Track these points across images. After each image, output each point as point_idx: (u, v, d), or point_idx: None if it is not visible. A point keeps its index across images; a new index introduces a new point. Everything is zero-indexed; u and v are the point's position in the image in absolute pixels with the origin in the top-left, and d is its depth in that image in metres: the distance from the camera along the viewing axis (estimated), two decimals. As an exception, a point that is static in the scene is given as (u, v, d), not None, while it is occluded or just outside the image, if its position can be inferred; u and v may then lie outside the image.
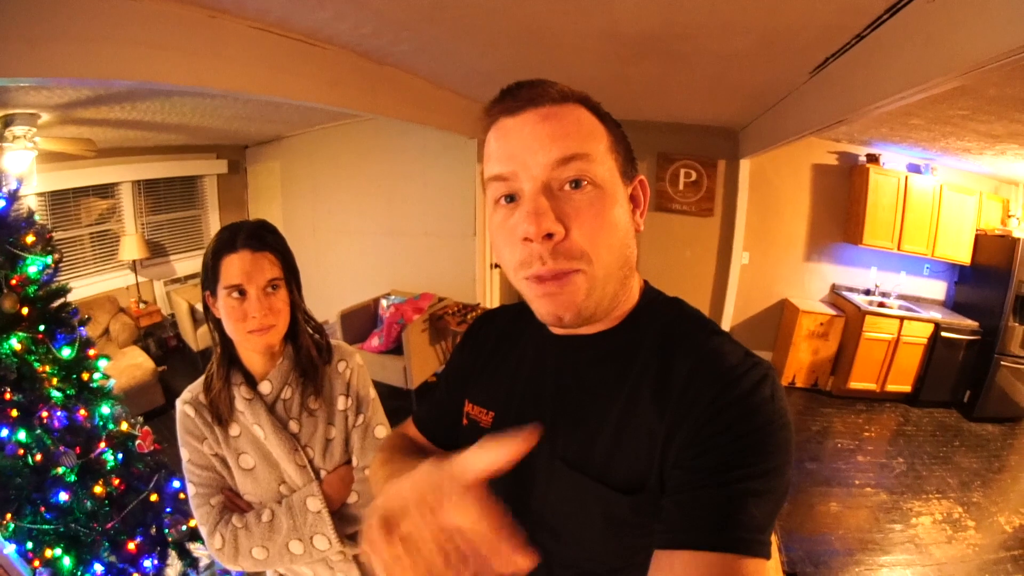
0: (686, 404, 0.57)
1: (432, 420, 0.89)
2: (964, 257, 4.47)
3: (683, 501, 0.55)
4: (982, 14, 1.48)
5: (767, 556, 0.52)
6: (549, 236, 0.57)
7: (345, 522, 1.11)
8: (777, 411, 0.56)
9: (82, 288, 4.44)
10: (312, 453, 1.13)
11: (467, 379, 0.83)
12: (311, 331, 1.18)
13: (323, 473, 1.13)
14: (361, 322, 4.53)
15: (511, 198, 0.61)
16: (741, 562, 0.50)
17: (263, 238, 1.05)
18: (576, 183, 0.59)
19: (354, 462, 1.16)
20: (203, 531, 1.08)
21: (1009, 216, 4.46)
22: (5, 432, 1.57)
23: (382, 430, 1.19)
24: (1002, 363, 4.15)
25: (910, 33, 1.84)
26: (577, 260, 0.58)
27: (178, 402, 1.12)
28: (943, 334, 4.32)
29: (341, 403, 1.17)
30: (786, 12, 1.93)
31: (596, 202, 0.59)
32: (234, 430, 1.10)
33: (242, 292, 1.02)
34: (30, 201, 3.82)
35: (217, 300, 1.04)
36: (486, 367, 0.82)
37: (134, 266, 4.92)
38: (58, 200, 4.36)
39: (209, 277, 1.05)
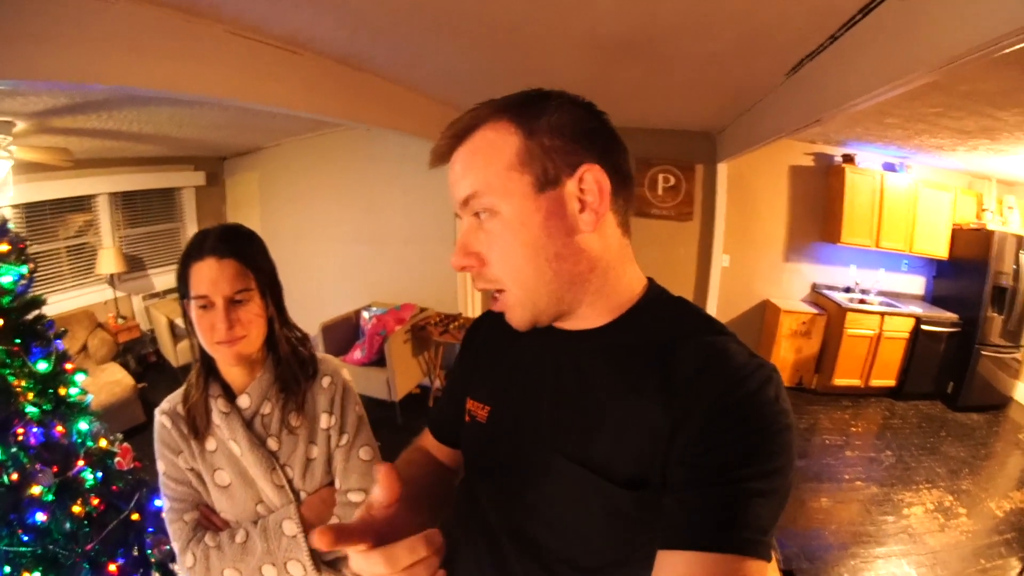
0: (691, 401, 0.57)
1: (442, 422, 0.91)
2: (941, 252, 4.59)
3: (686, 500, 0.55)
4: (953, 10, 1.51)
5: (769, 558, 0.52)
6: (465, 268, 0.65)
7: None
8: (781, 412, 0.56)
9: (59, 303, 4.34)
10: (291, 473, 1.07)
11: (469, 377, 0.84)
12: (294, 343, 1.12)
13: (303, 494, 1.08)
14: (343, 334, 4.49)
15: None
16: (744, 563, 0.51)
17: (231, 243, 0.99)
18: (480, 214, 0.63)
19: (336, 484, 1.10)
20: (175, 547, 1.04)
21: (983, 210, 4.57)
22: (-21, 449, 1.51)
23: (367, 451, 1.13)
24: (983, 353, 4.26)
25: (883, 32, 1.87)
26: (496, 283, 0.65)
27: (156, 412, 1.07)
28: (924, 327, 4.41)
29: (324, 421, 1.11)
30: (761, 12, 1.95)
31: (496, 230, 0.63)
32: (210, 444, 1.05)
33: (208, 305, 0.97)
34: (5, 212, 3.73)
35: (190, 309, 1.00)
36: (484, 363, 0.83)
37: (112, 280, 4.81)
38: (34, 212, 4.26)
39: (181, 286, 1.00)
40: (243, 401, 1.06)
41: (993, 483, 3.31)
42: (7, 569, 1.56)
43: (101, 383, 3.68)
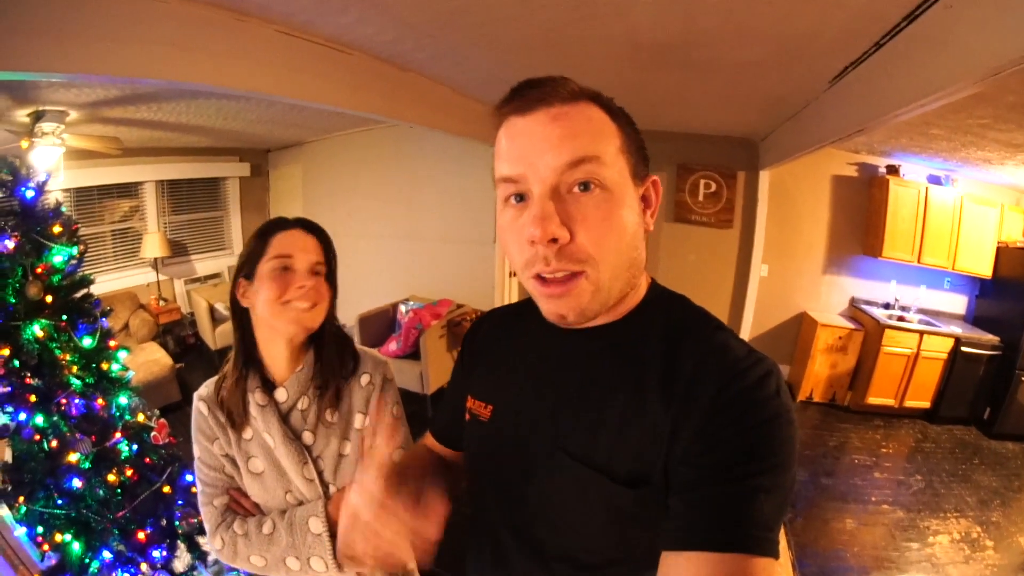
0: (692, 398, 0.57)
1: (443, 424, 0.92)
2: (985, 270, 4.37)
3: (691, 500, 0.54)
4: (999, 19, 1.46)
5: (776, 555, 0.52)
6: (555, 240, 0.57)
7: None
8: (782, 406, 0.56)
9: (103, 284, 4.53)
10: (323, 466, 1.08)
11: (469, 378, 0.85)
12: (338, 339, 1.13)
13: (332, 488, 1.08)
14: (379, 326, 4.58)
15: (520, 197, 0.61)
16: (751, 561, 0.50)
17: (313, 226, 1.08)
18: (585, 185, 0.58)
19: None
20: (207, 529, 1.08)
21: (1031, 228, 4.36)
22: (23, 416, 1.60)
23: (399, 455, 1.10)
24: (1023, 379, 4.05)
25: (928, 40, 1.82)
26: (582, 263, 0.59)
27: (195, 396, 1.10)
28: (963, 349, 4.22)
29: (358, 421, 1.11)
30: (801, 18, 1.92)
31: (604, 205, 0.59)
32: (247, 433, 1.08)
33: (288, 267, 1.00)
34: (56, 196, 3.95)
35: (255, 279, 1.01)
36: (484, 363, 0.83)
37: (155, 264, 5.03)
38: (83, 197, 4.49)
39: (251, 257, 1.02)
40: (280, 395, 1.07)
41: (1024, 516, 3.16)
42: (41, 529, 1.66)
43: (140, 361, 3.85)
